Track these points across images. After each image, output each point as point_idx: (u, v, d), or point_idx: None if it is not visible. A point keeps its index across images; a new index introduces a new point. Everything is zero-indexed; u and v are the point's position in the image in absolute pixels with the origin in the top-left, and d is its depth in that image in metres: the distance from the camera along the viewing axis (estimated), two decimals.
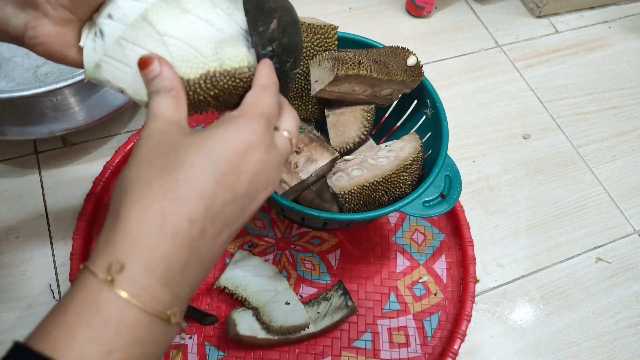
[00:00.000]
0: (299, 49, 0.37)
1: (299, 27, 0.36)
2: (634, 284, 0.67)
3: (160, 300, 0.25)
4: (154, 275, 0.25)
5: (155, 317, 0.25)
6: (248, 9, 0.34)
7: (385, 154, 0.53)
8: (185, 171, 0.27)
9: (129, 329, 0.24)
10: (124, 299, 0.24)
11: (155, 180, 0.26)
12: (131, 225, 0.25)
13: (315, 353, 0.57)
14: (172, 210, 0.26)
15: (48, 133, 0.61)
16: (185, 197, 0.26)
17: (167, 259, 0.25)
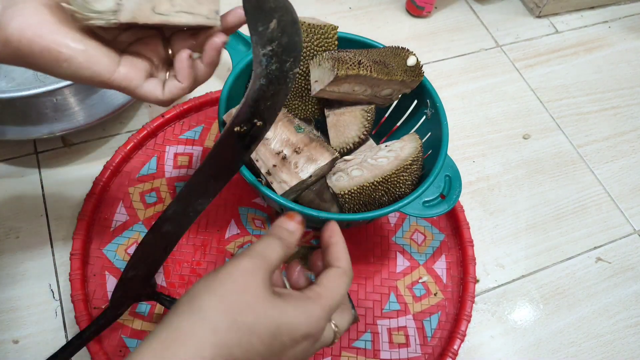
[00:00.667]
0: (298, 49, 0.37)
1: (299, 27, 0.36)
2: (634, 284, 0.67)
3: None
4: None
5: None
6: (247, 9, 0.34)
7: (385, 154, 0.53)
8: (247, 337, 0.28)
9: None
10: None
11: (221, 331, 0.28)
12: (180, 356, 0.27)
13: (315, 354, 0.57)
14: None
15: (48, 133, 0.61)
16: (233, 356, 0.28)
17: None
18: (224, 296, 0.29)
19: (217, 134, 0.70)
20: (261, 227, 0.64)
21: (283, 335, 0.29)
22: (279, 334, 0.29)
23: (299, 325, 0.30)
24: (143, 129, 0.68)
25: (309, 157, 0.51)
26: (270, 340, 0.29)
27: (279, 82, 0.37)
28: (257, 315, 0.29)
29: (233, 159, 0.40)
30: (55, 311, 0.57)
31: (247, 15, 0.35)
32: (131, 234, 0.61)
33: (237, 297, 0.29)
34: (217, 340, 0.27)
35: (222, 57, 0.38)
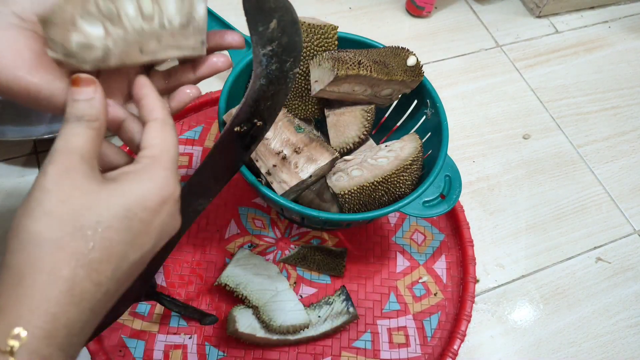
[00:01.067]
0: (298, 49, 0.37)
1: (299, 27, 0.36)
2: (634, 284, 0.67)
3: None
4: (54, 343, 0.24)
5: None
6: (247, 9, 0.34)
7: (385, 154, 0.53)
8: (99, 235, 0.26)
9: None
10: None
11: (67, 243, 0.25)
12: (37, 292, 0.24)
13: (314, 353, 0.57)
14: (82, 275, 0.25)
15: (48, 133, 0.61)
16: (97, 262, 0.25)
17: (69, 325, 0.25)
18: (51, 212, 0.25)
19: (217, 134, 0.70)
20: (261, 227, 0.64)
21: (138, 213, 0.27)
22: (132, 214, 0.27)
23: (147, 194, 0.28)
24: None
25: (309, 157, 0.51)
26: (126, 225, 0.26)
27: (279, 82, 0.37)
28: (97, 210, 0.26)
29: (233, 159, 0.40)
30: None
31: (247, 16, 0.35)
32: None
33: (67, 204, 0.25)
34: (67, 254, 0.25)
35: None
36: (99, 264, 0.25)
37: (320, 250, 0.62)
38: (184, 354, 0.55)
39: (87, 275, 0.25)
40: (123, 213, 0.27)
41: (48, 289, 0.24)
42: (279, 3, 0.35)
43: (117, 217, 0.26)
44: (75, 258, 0.25)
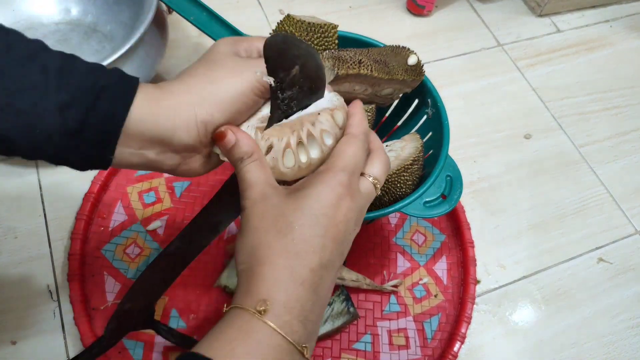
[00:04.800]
0: (320, 94, 0.36)
1: (323, 73, 0.36)
2: (635, 285, 0.66)
3: (297, 334, 0.29)
4: (293, 313, 0.29)
5: (294, 348, 0.29)
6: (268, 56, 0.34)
7: None
8: (297, 232, 0.31)
9: (275, 351, 0.28)
10: (271, 327, 0.28)
11: (275, 242, 0.31)
12: (267, 275, 0.30)
13: (314, 355, 0.56)
14: (296, 263, 0.30)
15: None
16: (303, 252, 0.31)
17: (300, 300, 0.30)
18: (256, 227, 0.32)
19: None
20: None
21: (320, 209, 0.31)
22: (316, 211, 0.31)
23: (324, 194, 0.32)
24: None
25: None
26: (314, 221, 0.31)
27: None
28: (288, 216, 0.31)
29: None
30: (54, 312, 0.56)
31: (268, 63, 0.34)
32: (129, 234, 0.61)
33: (264, 219, 0.32)
34: (276, 250, 0.31)
35: None
36: (304, 253, 0.31)
37: None
38: None
39: (299, 263, 0.30)
40: (307, 211, 0.31)
41: (274, 273, 0.30)
42: (302, 50, 0.34)
43: (305, 216, 0.31)
44: (285, 251, 0.30)
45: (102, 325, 0.54)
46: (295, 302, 0.30)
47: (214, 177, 0.65)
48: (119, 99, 0.30)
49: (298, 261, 0.30)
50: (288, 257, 0.30)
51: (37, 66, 0.28)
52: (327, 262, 0.32)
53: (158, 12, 0.65)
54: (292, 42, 0.35)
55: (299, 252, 0.31)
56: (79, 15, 0.74)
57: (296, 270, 0.30)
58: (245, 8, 0.87)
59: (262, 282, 0.30)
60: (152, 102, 0.32)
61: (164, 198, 0.64)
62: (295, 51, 0.34)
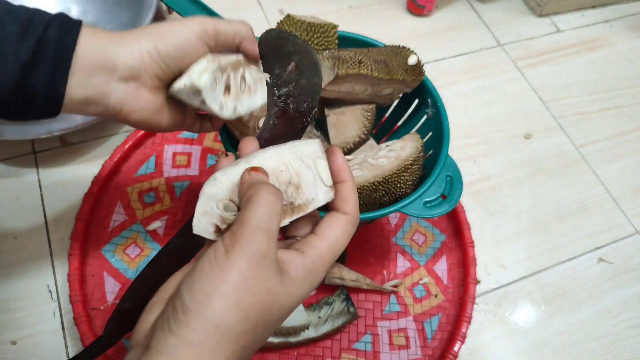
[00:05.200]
0: (317, 90, 0.36)
1: (319, 69, 0.36)
2: (635, 285, 0.66)
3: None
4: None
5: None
6: (264, 53, 0.34)
7: (386, 154, 0.52)
8: (261, 333, 0.27)
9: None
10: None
11: (238, 336, 0.25)
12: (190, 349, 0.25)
13: (315, 355, 0.56)
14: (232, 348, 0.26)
15: (46, 133, 0.61)
16: (246, 351, 0.26)
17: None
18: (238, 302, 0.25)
19: (216, 134, 0.70)
20: None
21: (285, 309, 0.28)
22: (289, 312, 0.28)
23: (305, 293, 0.28)
24: None
25: None
26: (278, 323, 0.28)
27: (294, 122, 0.36)
28: (273, 313, 0.27)
29: None
30: (54, 312, 0.56)
31: (263, 59, 0.34)
32: (129, 234, 0.61)
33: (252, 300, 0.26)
34: (239, 347, 0.26)
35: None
36: (247, 353, 0.26)
37: None
38: None
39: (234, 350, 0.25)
40: (285, 313, 0.28)
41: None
42: (297, 46, 0.34)
43: (281, 318, 0.28)
44: (243, 350, 0.26)
45: (102, 325, 0.54)
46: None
47: None
48: (67, 28, 0.32)
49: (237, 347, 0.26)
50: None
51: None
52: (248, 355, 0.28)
53: (158, 12, 0.65)
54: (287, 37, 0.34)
55: (245, 349, 0.26)
56: (79, 15, 0.74)
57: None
58: (245, 8, 0.87)
59: (182, 347, 0.25)
60: (98, 33, 0.34)
61: (163, 198, 0.64)
62: (290, 47, 0.34)
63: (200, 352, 0.25)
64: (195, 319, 0.25)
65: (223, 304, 0.25)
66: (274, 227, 0.27)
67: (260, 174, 0.29)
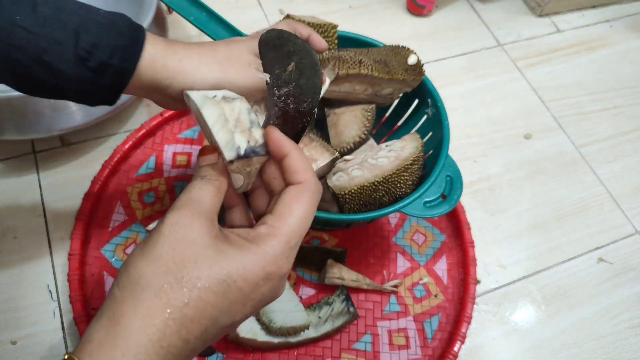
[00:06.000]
0: (317, 90, 0.36)
1: (319, 69, 0.36)
2: (635, 285, 0.66)
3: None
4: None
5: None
6: (264, 53, 0.34)
7: (386, 154, 0.52)
8: (197, 293, 0.26)
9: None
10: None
11: (165, 293, 0.26)
12: (131, 335, 0.25)
13: (314, 355, 0.56)
14: (173, 329, 0.26)
15: (46, 133, 0.61)
16: (188, 319, 0.26)
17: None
18: (160, 258, 0.27)
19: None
20: None
21: (237, 282, 0.27)
22: (231, 282, 0.27)
23: (253, 268, 0.27)
24: (142, 128, 0.67)
25: (309, 157, 0.50)
26: (223, 290, 0.27)
27: (294, 122, 0.36)
28: (199, 268, 0.26)
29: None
30: (54, 312, 0.56)
31: (264, 59, 0.34)
32: (129, 234, 0.61)
33: (176, 253, 0.27)
34: (162, 303, 0.25)
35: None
36: (190, 322, 0.26)
37: (320, 250, 0.62)
38: None
39: (176, 330, 0.26)
40: (223, 277, 0.27)
41: (140, 334, 0.25)
42: (297, 46, 0.34)
43: (217, 279, 0.27)
44: (170, 310, 0.26)
45: None
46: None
47: None
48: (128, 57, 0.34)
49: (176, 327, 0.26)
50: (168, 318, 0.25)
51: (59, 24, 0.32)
52: (208, 337, 0.28)
53: (158, 12, 0.65)
54: (287, 38, 0.34)
55: (184, 317, 0.26)
56: None
57: (167, 338, 0.25)
58: (246, 8, 0.87)
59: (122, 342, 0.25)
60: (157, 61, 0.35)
61: (163, 198, 0.64)
62: (290, 47, 0.34)
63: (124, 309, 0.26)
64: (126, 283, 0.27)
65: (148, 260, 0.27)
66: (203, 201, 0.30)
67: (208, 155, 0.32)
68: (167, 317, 0.25)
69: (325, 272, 0.58)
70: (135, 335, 0.25)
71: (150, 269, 0.26)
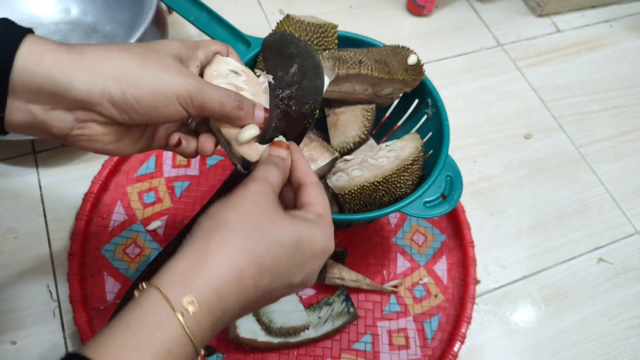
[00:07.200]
0: (319, 92, 0.36)
1: (321, 71, 0.36)
2: (635, 285, 0.66)
3: (205, 341, 0.28)
4: (212, 320, 0.27)
5: (196, 354, 0.27)
6: (267, 55, 0.34)
7: (386, 154, 0.52)
8: (274, 247, 0.30)
9: (172, 346, 0.26)
10: (188, 335, 0.26)
11: (250, 239, 0.29)
12: (215, 270, 0.28)
13: (314, 355, 0.56)
14: (251, 273, 0.29)
15: None
16: (264, 266, 0.29)
17: (226, 310, 0.28)
18: (246, 212, 0.30)
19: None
20: None
21: (305, 247, 0.31)
22: (301, 245, 0.31)
23: (316, 239, 0.32)
24: None
25: (308, 157, 0.50)
26: (294, 251, 0.30)
27: (296, 123, 0.36)
28: (279, 228, 0.30)
29: None
30: (54, 312, 0.56)
31: (267, 61, 0.34)
32: (129, 234, 0.61)
33: (259, 213, 0.30)
34: (248, 248, 0.29)
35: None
36: (265, 270, 0.29)
37: None
38: None
39: (253, 275, 0.29)
40: (295, 241, 0.31)
41: (224, 271, 0.28)
42: (300, 49, 0.34)
43: (291, 241, 0.31)
44: (252, 255, 0.29)
45: (102, 325, 0.54)
46: (222, 312, 0.28)
47: (214, 177, 0.65)
48: (2, 48, 0.29)
49: (254, 272, 0.29)
50: (250, 262, 0.29)
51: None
52: (272, 291, 0.31)
53: (158, 12, 0.65)
54: (290, 40, 0.35)
55: (262, 264, 0.29)
56: (79, 15, 0.74)
57: (245, 279, 0.28)
58: (246, 8, 0.87)
59: (207, 277, 0.27)
60: (47, 53, 0.29)
61: (163, 198, 0.64)
62: (293, 49, 0.34)
63: (208, 248, 0.28)
64: (207, 223, 0.30)
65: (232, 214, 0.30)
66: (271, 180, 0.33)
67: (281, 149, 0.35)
68: (249, 260, 0.28)
69: (325, 272, 0.58)
70: (219, 269, 0.27)
71: (239, 218, 0.29)
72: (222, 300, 0.28)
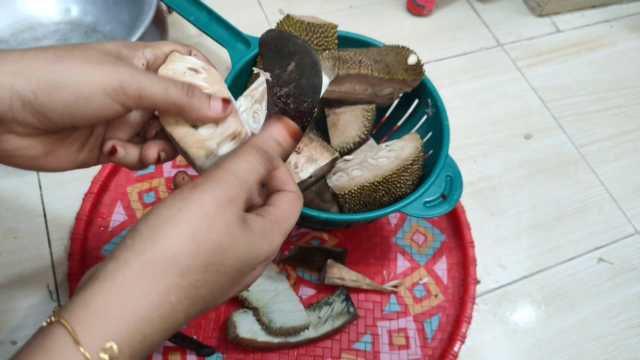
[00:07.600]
0: (317, 90, 0.36)
1: (319, 69, 0.36)
2: (635, 285, 0.66)
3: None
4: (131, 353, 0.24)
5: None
6: (265, 53, 0.34)
7: (386, 154, 0.52)
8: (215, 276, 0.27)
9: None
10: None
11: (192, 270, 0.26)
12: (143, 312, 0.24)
13: (314, 355, 0.56)
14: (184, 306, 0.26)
15: None
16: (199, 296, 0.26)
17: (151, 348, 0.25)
18: (193, 235, 0.25)
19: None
20: None
21: (247, 267, 0.29)
22: (244, 267, 0.28)
23: (261, 254, 0.29)
24: None
25: (309, 157, 0.50)
26: (235, 275, 0.28)
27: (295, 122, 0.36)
28: (227, 257, 0.27)
29: None
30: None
31: (264, 59, 0.34)
32: None
33: (208, 237, 0.26)
34: (185, 283, 0.25)
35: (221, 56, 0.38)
36: (200, 299, 0.26)
37: (320, 250, 0.62)
38: (183, 356, 0.54)
39: (186, 308, 0.26)
40: (241, 265, 0.28)
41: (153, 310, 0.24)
42: (298, 46, 0.34)
43: (236, 267, 0.28)
44: (189, 288, 0.25)
45: None
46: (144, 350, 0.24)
47: None
48: None
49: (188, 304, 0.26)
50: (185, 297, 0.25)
51: None
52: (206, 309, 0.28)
53: (158, 12, 0.65)
54: (287, 38, 0.35)
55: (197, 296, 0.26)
56: (79, 15, 0.74)
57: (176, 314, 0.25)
58: (245, 8, 0.87)
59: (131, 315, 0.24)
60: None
61: (163, 198, 0.64)
62: (291, 47, 0.34)
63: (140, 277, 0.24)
64: (142, 243, 0.25)
65: (176, 233, 0.25)
66: (251, 182, 0.29)
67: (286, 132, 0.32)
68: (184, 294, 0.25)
69: (325, 272, 0.58)
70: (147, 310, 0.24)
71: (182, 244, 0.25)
72: (147, 340, 0.24)
